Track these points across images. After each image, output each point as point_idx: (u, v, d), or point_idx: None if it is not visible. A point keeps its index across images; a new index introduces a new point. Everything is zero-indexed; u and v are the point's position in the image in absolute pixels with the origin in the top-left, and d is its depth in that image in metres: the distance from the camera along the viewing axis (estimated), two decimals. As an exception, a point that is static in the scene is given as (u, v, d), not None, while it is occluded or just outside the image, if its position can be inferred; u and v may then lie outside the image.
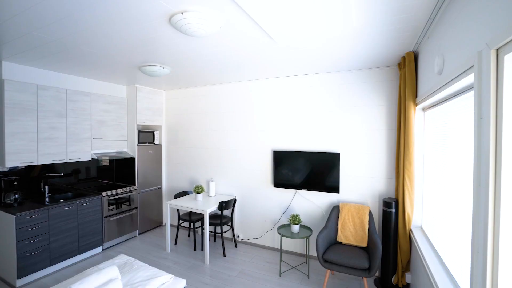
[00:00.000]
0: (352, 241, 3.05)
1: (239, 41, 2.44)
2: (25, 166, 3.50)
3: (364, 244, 2.99)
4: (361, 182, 3.36)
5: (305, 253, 3.71)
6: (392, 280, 2.90)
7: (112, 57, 2.94)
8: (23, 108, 3.22)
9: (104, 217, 3.89)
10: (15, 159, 3.14)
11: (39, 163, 3.37)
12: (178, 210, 4.07)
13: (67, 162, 3.84)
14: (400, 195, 2.78)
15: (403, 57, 2.75)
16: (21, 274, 2.97)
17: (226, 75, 3.77)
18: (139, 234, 4.51)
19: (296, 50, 2.70)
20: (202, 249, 3.94)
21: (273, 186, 3.86)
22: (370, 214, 3.11)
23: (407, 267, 2.84)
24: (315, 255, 3.62)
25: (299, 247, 3.76)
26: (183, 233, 4.59)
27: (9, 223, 2.98)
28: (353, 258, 2.69)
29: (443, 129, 2.19)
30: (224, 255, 3.75)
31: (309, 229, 3.41)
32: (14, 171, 3.39)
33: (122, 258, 2.58)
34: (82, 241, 3.61)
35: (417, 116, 2.71)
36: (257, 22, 2.01)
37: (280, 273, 3.29)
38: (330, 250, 2.87)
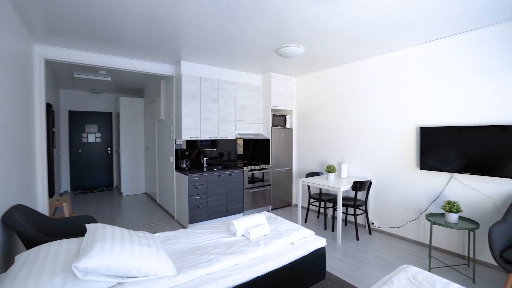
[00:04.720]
0: (553, 244, 2.19)
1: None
2: (187, 142, 4.50)
3: None
4: None
5: (466, 253, 2.96)
6: None
7: (255, 41, 3.30)
8: (192, 95, 4.15)
9: (245, 189, 4.48)
10: (187, 134, 4.10)
11: (201, 138, 4.25)
12: (309, 188, 4.16)
13: (216, 142, 4.66)
14: None
15: None
16: (191, 221, 3.87)
17: (360, 48, 3.52)
18: (271, 209, 4.92)
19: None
20: (333, 230, 3.85)
21: (418, 168, 3.30)
22: None
23: None
24: (483, 259, 2.82)
25: (455, 245, 3.05)
26: (312, 214, 4.65)
27: (184, 181, 3.93)
28: (558, 264, 1.92)
29: None
30: (357, 239, 3.53)
31: (474, 222, 2.69)
32: (180, 147, 4.45)
33: (267, 214, 2.88)
34: (229, 206, 4.28)
35: None
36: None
37: (430, 269, 2.76)
38: (513, 249, 2.17)
